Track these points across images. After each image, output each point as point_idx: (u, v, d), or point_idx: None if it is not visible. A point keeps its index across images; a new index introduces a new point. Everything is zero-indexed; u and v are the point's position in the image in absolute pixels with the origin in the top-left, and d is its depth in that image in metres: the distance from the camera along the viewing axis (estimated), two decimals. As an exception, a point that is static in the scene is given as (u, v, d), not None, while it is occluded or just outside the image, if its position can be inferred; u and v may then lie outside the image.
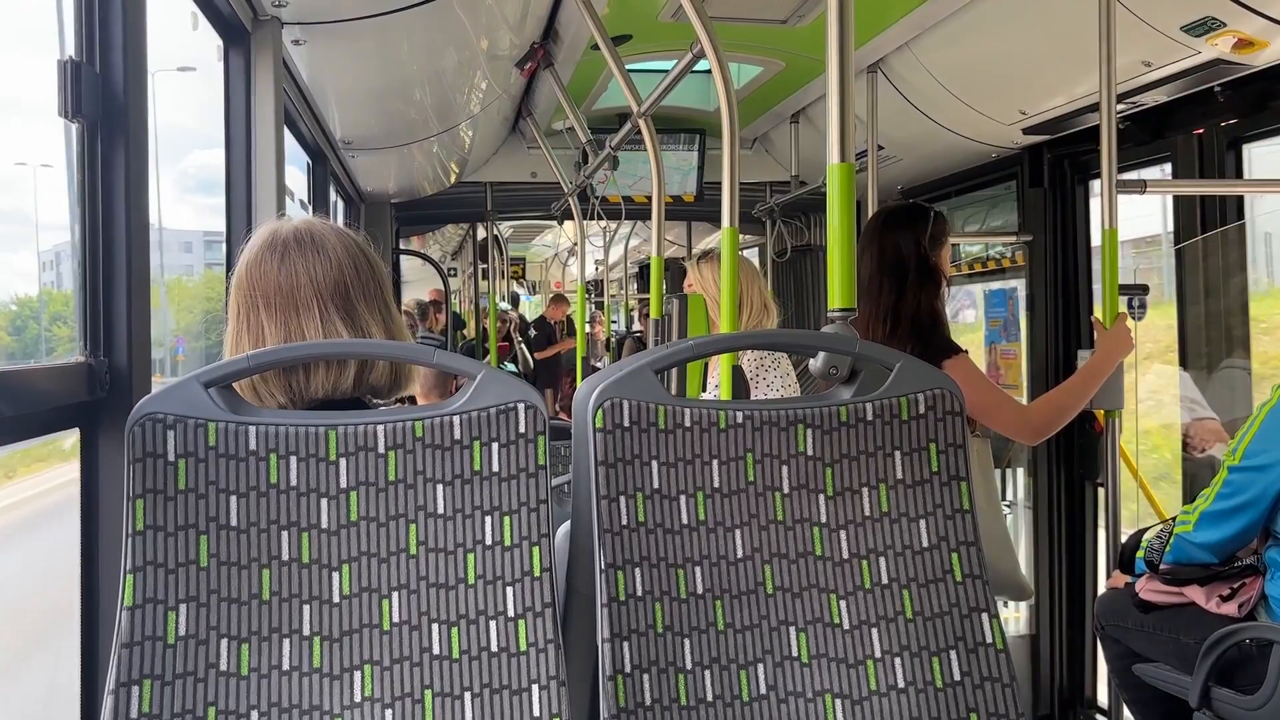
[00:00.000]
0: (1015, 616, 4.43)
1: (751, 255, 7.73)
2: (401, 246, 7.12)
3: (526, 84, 4.50)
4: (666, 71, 3.11)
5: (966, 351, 2.68)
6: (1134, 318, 3.02)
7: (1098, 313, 2.76)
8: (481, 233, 8.60)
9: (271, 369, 1.45)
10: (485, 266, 8.65)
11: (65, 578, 1.61)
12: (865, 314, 2.69)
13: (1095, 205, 4.03)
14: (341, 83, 3.53)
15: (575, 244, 8.62)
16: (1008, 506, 4.49)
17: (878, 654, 1.38)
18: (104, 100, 1.55)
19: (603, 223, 6.39)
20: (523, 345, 10.26)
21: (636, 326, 10.81)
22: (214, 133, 2.66)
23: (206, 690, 1.26)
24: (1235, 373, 3.47)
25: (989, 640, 1.39)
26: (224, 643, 1.27)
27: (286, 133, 2.90)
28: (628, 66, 3.45)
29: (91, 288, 1.56)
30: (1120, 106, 3.14)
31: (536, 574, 1.32)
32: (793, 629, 1.38)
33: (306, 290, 1.48)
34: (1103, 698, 3.98)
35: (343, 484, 1.31)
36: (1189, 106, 3.32)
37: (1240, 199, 3.39)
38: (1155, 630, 2.42)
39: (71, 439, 1.58)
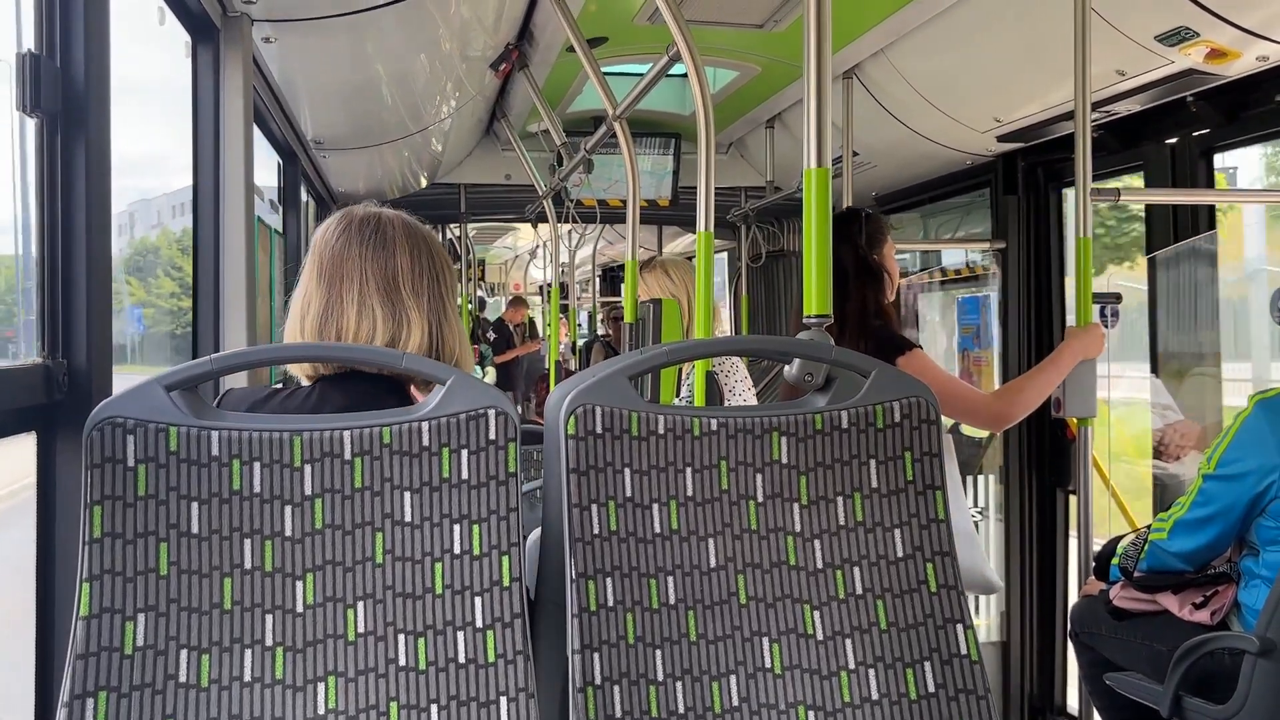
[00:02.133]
0: (986, 624, 4.44)
1: (721, 260, 7.73)
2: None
3: (501, 85, 4.47)
4: (642, 74, 3.09)
5: (920, 346, 2.68)
6: (1107, 326, 3.03)
7: (1071, 321, 2.77)
8: (446, 235, 8.53)
9: (234, 372, 1.42)
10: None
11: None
12: None
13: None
14: (313, 81, 3.49)
15: (537, 246, 8.57)
16: (979, 513, 4.50)
17: (852, 665, 1.36)
18: (64, 94, 1.51)
19: (575, 225, 6.37)
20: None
21: (601, 330, 10.78)
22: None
23: (165, 702, 1.22)
24: (1205, 380, 3.49)
25: (964, 652, 1.38)
26: (184, 653, 1.24)
27: (256, 131, 2.86)
28: (603, 69, 3.42)
29: (50, 286, 1.51)
30: (1094, 115, 3.15)
31: (506, 584, 1.29)
32: (766, 640, 1.36)
33: (353, 264, 1.60)
34: (1073, 704, 3.99)
35: (307, 491, 1.28)
36: (1162, 116, 3.34)
37: (1212, 208, 3.41)
38: (1128, 637, 2.42)
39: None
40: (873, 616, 1.38)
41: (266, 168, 3.91)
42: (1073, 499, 3.89)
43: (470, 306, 9.81)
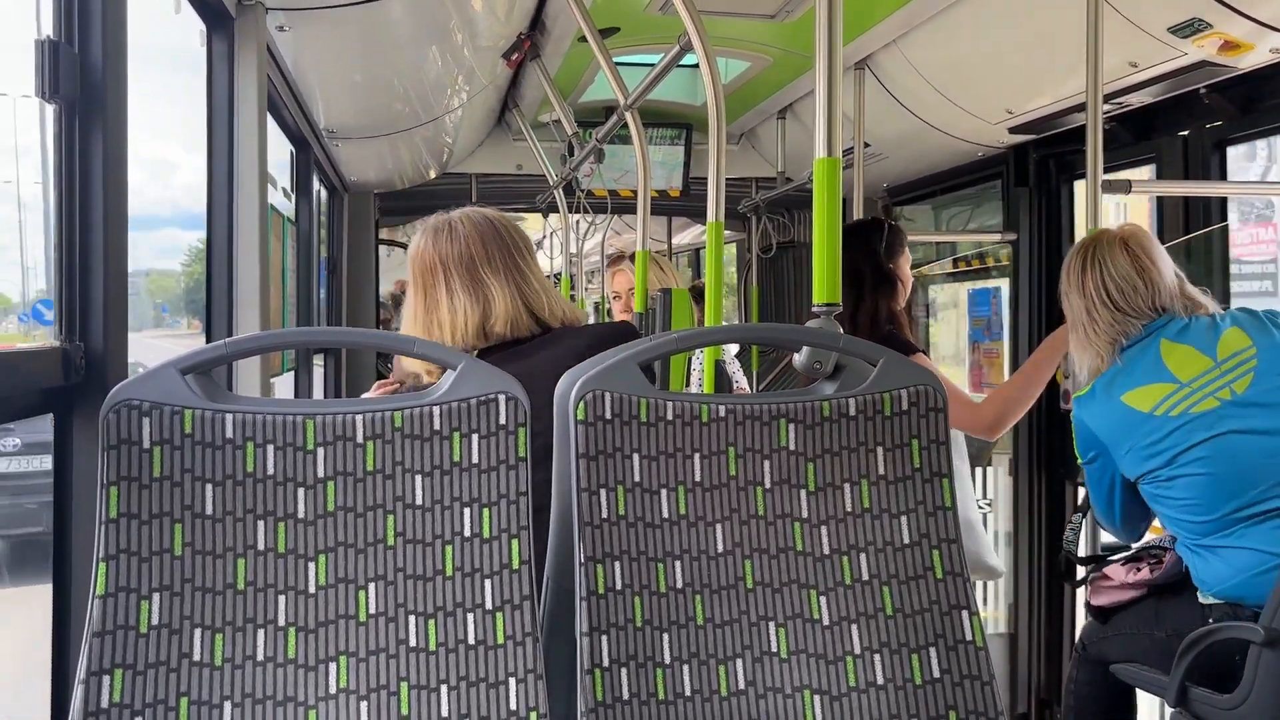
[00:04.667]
0: (994, 616, 4.45)
1: (730, 250, 7.74)
2: (384, 237, 7.11)
3: (513, 75, 4.48)
4: (654, 65, 3.10)
5: (923, 350, 2.87)
6: None
7: None
8: None
9: (248, 356, 1.44)
10: None
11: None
12: None
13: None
14: (326, 70, 3.50)
15: (543, 237, 8.63)
16: (987, 504, 4.51)
17: (857, 650, 1.38)
18: (83, 81, 1.52)
19: (586, 215, 6.39)
20: None
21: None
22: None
23: (179, 680, 1.24)
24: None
25: (969, 638, 1.39)
26: (197, 632, 1.25)
27: (269, 119, 2.88)
28: (615, 59, 3.43)
29: (68, 271, 1.53)
30: (1106, 107, 3.14)
31: (515, 567, 1.31)
32: (772, 624, 1.37)
33: (436, 265, 1.91)
34: (1079, 696, 3.99)
35: (320, 473, 1.30)
36: (1174, 108, 3.33)
37: (1224, 201, 3.41)
38: (1121, 630, 2.45)
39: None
40: (879, 602, 1.39)
41: (279, 156, 3.93)
42: (1081, 491, 3.89)
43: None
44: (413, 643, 1.28)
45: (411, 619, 1.29)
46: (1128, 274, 2.33)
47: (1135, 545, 2.56)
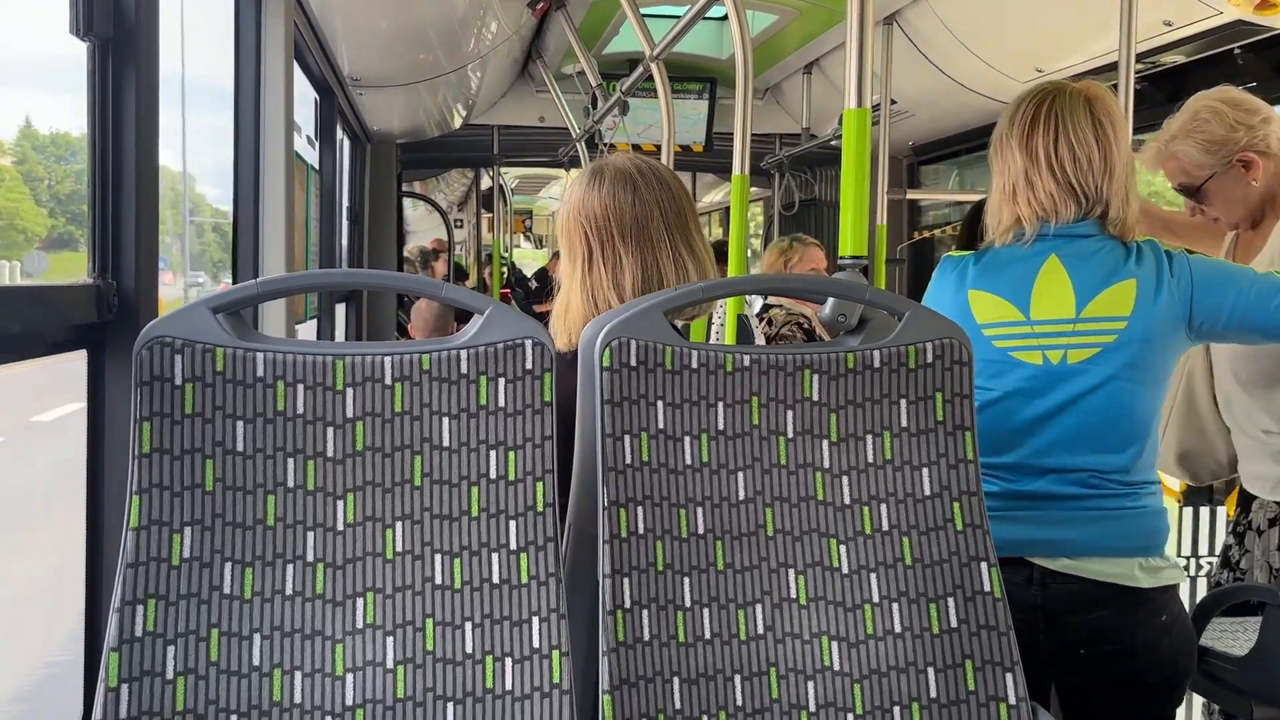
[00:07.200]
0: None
1: (756, 208, 7.69)
2: (405, 190, 7.11)
3: (538, 25, 4.46)
4: (679, 16, 3.08)
5: None
6: None
7: None
8: (486, 181, 8.58)
9: (279, 296, 1.45)
10: (490, 216, 8.65)
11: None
12: None
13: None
14: (352, 17, 3.49)
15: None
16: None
17: (876, 599, 1.39)
18: (116, 19, 1.53)
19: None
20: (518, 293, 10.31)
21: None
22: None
23: (210, 612, 1.27)
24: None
25: (987, 589, 1.40)
26: (228, 566, 1.28)
27: (295, 66, 2.87)
28: (641, 10, 3.41)
29: (101, 209, 1.55)
30: (1138, 66, 3.10)
31: (540, 509, 1.32)
32: (792, 571, 1.39)
33: (658, 222, 1.67)
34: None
35: (349, 413, 1.31)
36: (1207, 68, 3.29)
37: (1254, 164, 3.36)
38: None
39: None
40: (898, 552, 1.41)
41: (304, 104, 3.93)
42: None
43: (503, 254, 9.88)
44: (438, 580, 1.30)
45: (438, 557, 1.31)
46: (1088, 142, 1.81)
47: None
